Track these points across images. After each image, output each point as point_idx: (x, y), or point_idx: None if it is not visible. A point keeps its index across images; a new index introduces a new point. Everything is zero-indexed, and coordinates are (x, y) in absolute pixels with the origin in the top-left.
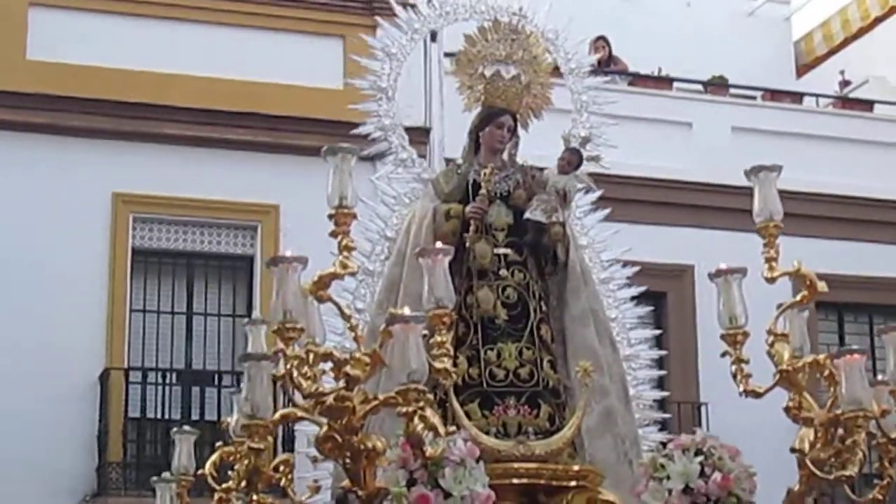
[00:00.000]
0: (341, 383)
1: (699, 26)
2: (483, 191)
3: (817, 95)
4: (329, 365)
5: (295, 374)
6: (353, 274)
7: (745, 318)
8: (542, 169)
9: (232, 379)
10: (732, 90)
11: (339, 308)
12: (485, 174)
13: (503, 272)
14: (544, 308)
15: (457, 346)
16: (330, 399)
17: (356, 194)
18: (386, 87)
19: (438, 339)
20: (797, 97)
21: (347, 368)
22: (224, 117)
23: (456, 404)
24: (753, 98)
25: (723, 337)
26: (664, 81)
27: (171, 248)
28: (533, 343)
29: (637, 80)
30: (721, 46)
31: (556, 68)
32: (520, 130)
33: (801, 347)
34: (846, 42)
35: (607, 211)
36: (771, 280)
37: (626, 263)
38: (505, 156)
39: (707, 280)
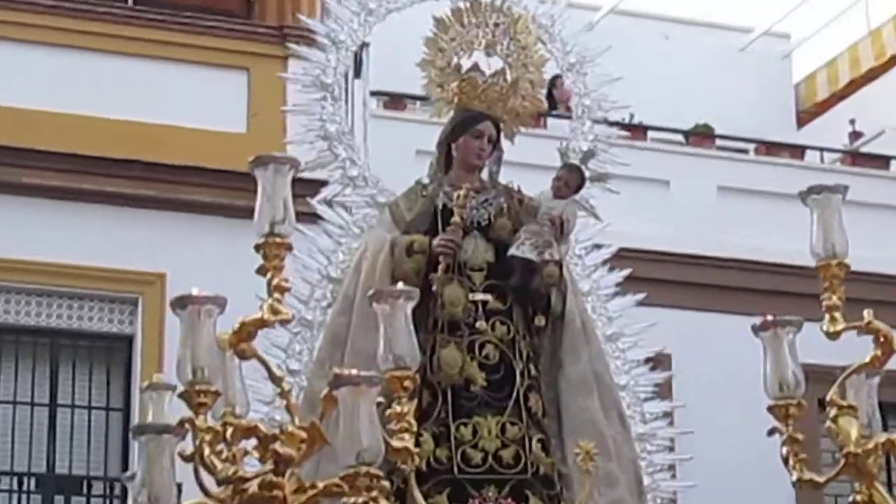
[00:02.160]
0: (268, 466)
1: (679, 64)
2: (456, 219)
3: (822, 149)
4: (253, 442)
5: (207, 451)
6: (285, 323)
7: (802, 383)
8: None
9: (105, 486)
10: (719, 142)
11: (268, 367)
12: (458, 197)
13: (481, 324)
14: (534, 372)
15: (421, 419)
16: (254, 486)
17: (292, 218)
18: (331, 83)
19: (397, 409)
20: (798, 151)
21: (277, 446)
22: (97, 165)
23: (418, 495)
24: (745, 152)
25: (771, 409)
26: (636, 130)
27: (31, 325)
28: (519, 417)
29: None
30: (706, 89)
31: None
32: (504, 142)
33: (870, 423)
34: (857, 85)
35: (614, 247)
36: (834, 335)
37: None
38: (484, 174)
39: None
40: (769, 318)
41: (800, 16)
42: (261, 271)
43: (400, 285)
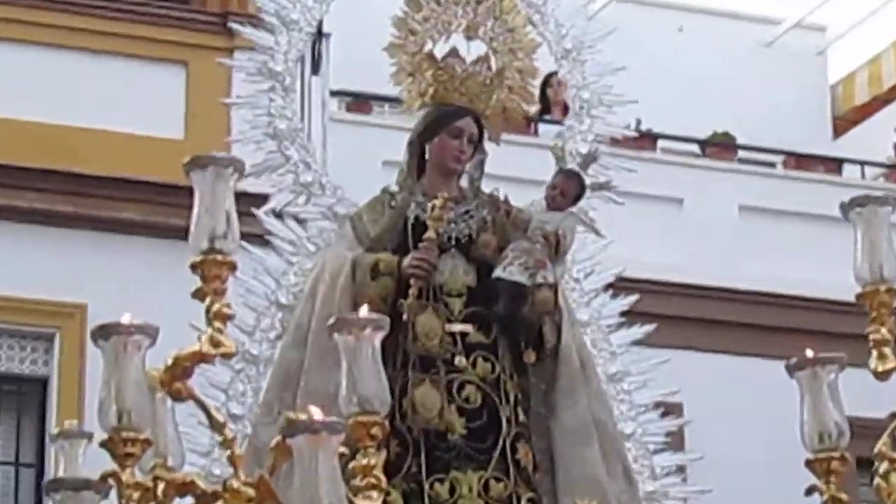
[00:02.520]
0: None
1: (695, 62)
2: (431, 234)
3: (863, 163)
4: (189, 500)
5: None
6: (228, 357)
7: (846, 432)
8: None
9: None
10: (741, 153)
11: (207, 411)
12: (433, 208)
13: (460, 361)
14: (522, 417)
15: (389, 474)
16: None
17: (237, 232)
18: (281, 71)
19: (363, 461)
20: (834, 165)
21: None
22: (4, 175)
23: None
24: (771, 165)
25: (809, 464)
26: (644, 139)
27: None
28: (505, 472)
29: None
30: (726, 91)
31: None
32: (488, 144)
33: None
34: None
35: (620, 270)
36: (883, 375)
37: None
38: (464, 181)
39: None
40: (808, 354)
41: (837, 5)
42: (198, 295)
43: (364, 311)
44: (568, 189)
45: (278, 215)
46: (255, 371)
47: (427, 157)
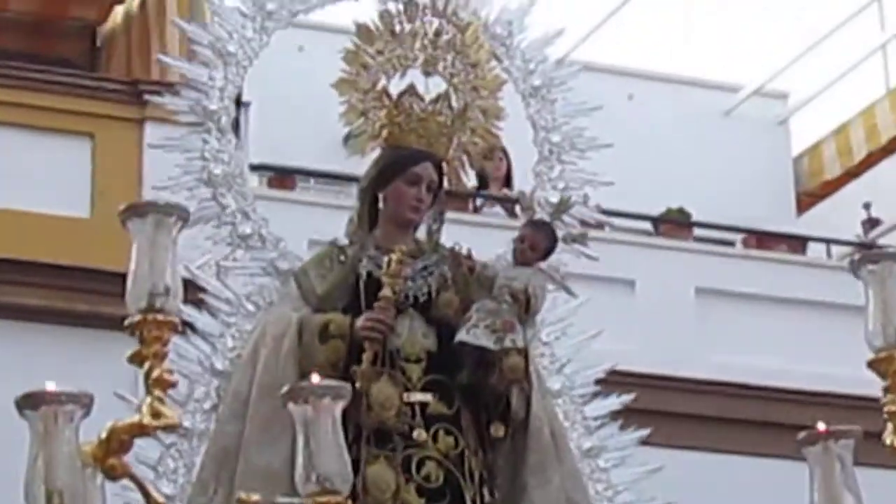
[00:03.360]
0: None
1: (647, 132)
2: (386, 292)
3: (829, 241)
4: None
5: None
6: (171, 429)
7: None
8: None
9: None
10: (698, 231)
11: (145, 492)
12: (389, 263)
13: (419, 434)
14: (489, 498)
15: None
16: None
17: (180, 289)
18: (216, 109)
19: None
20: (798, 244)
21: None
22: None
23: None
24: (730, 244)
25: None
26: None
27: None
28: None
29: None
30: (681, 163)
31: None
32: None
33: None
34: (873, 159)
35: (598, 332)
36: None
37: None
38: (421, 234)
39: None
40: (821, 426)
41: (800, 71)
42: (136, 360)
43: (315, 378)
44: (538, 242)
45: (214, 271)
46: (187, 446)
47: (380, 206)
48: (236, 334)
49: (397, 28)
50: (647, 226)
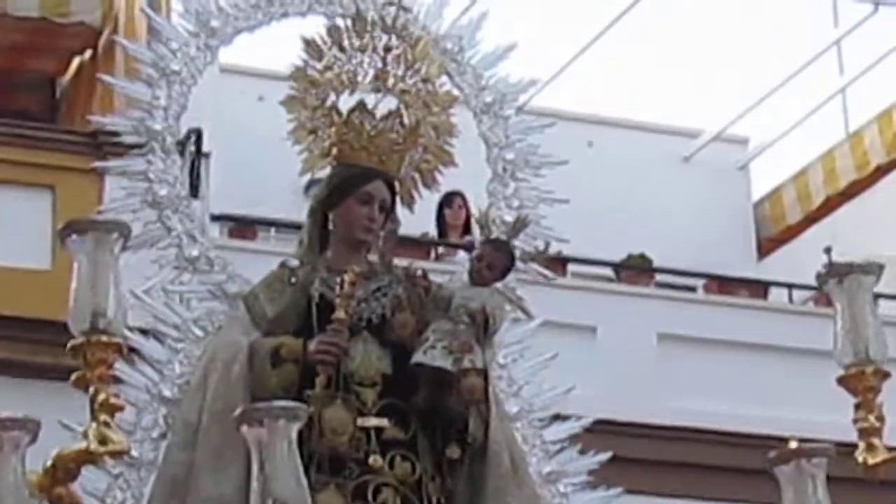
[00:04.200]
0: None
1: (607, 178)
2: (340, 314)
3: (790, 286)
4: None
5: None
6: (118, 455)
7: None
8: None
9: None
10: (659, 277)
11: None
12: (342, 284)
13: (375, 460)
14: None
15: None
16: None
17: (123, 308)
18: (160, 129)
19: None
20: (759, 288)
21: None
22: None
23: None
24: (692, 290)
25: None
26: (554, 263)
27: None
28: None
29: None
30: (642, 210)
31: None
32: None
33: None
34: (833, 204)
35: (554, 354)
36: (871, 468)
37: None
38: (373, 255)
39: None
40: (793, 445)
41: (760, 116)
42: (79, 383)
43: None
44: (496, 261)
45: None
46: (135, 476)
47: (331, 226)
48: (184, 360)
49: (346, 43)
50: (609, 272)
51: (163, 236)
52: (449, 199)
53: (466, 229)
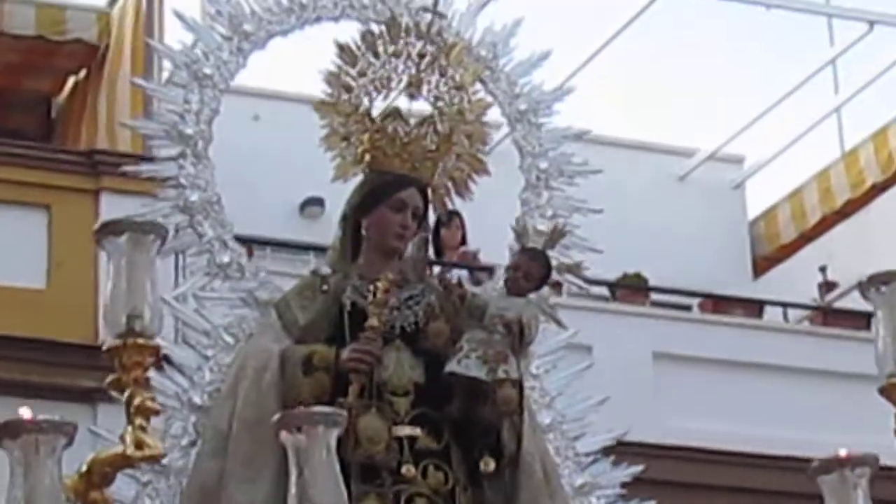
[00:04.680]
0: None
1: (602, 197)
2: (373, 322)
3: (785, 305)
4: None
5: None
6: (154, 460)
7: None
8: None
9: None
10: (654, 296)
11: None
12: (375, 292)
13: (408, 470)
14: None
15: None
16: None
17: (160, 310)
18: (192, 134)
19: None
20: (754, 307)
21: None
22: None
23: None
24: (687, 308)
25: None
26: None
27: None
28: None
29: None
30: (637, 229)
31: None
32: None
33: None
34: (829, 222)
35: (587, 365)
36: None
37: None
38: (406, 262)
39: None
40: (841, 452)
41: (755, 135)
42: (116, 386)
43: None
44: (532, 271)
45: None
46: (164, 484)
47: (363, 233)
48: (214, 367)
49: (380, 49)
50: (604, 291)
51: (194, 242)
52: (446, 219)
53: (466, 242)
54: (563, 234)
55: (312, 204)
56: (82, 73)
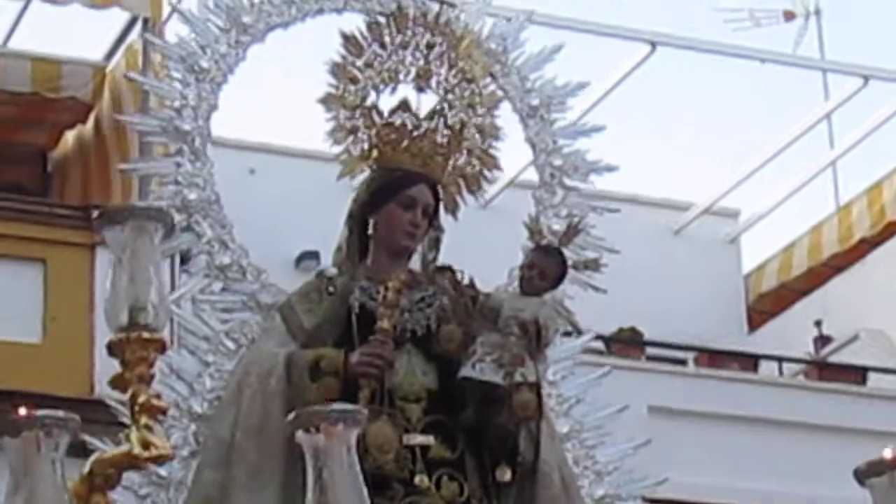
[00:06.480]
0: None
1: (598, 251)
2: (384, 324)
3: (780, 359)
4: None
5: None
6: (162, 460)
7: None
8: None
9: None
10: (650, 350)
11: None
12: (386, 293)
13: (421, 480)
14: None
15: None
16: None
17: (166, 301)
18: (189, 130)
19: None
20: (749, 362)
21: None
22: None
23: None
24: (682, 363)
25: None
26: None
27: None
28: None
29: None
30: (633, 283)
31: None
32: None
33: None
34: (823, 276)
35: (607, 370)
36: None
37: None
38: (415, 262)
39: None
40: (887, 453)
41: (750, 189)
42: (119, 384)
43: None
44: (547, 268)
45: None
46: (164, 496)
47: (371, 232)
48: (215, 374)
49: (387, 39)
50: (600, 345)
51: (192, 242)
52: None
53: None
54: (579, 231)
55: (308, 258)
56: (78, 128)
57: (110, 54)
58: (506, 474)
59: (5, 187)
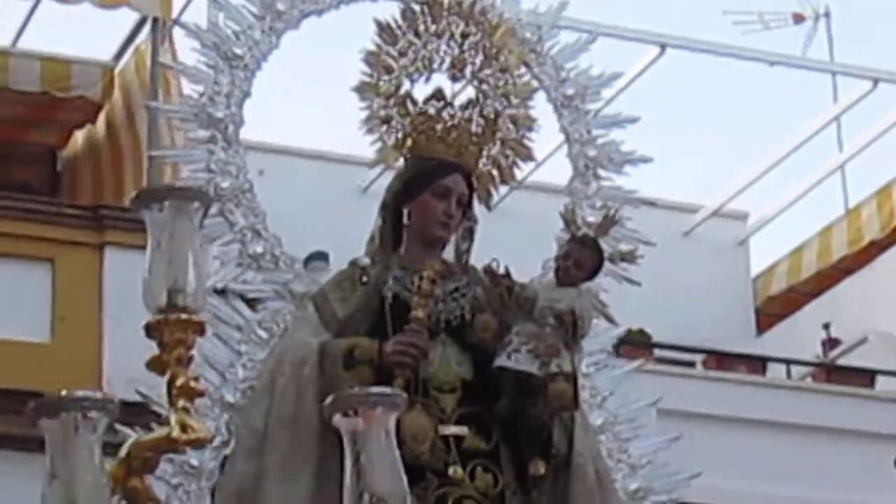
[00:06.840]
0: None
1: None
2: (418, 313)
3: (788, 362)
4: None
5: None
6: (199, 445)
7: None
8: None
9: None
10: (658, 353)
11: None
12: (420, 282)
13: (455, 471)
14: None
15: None
16: None
17: (203, 283)
18: (222, 117)
19: None
20: (758, 364)
21: None
22: None
23: None
24: (691, 365)
25: None
26: None
27: None
28: None
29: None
30: (640, 285)
31: None
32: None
33: None
34: (831, 279)
35: (640, 363)
36: None
37: None
38: (449, 252)
39: None
40: None
41: (760, 191)
42: (156, 365)
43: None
44: (584, 260)
45: (222, 294)
46: (195, 486)
47: (405, 222)
48: (248, 364)
49: (421, 28)
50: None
51: (225, 231)
52: None
53: None
54: (615, 222)
55: (317, 258)
56: (87, 127)
57: (119, 54)
58: (539, 468)
59: (15, 187)
